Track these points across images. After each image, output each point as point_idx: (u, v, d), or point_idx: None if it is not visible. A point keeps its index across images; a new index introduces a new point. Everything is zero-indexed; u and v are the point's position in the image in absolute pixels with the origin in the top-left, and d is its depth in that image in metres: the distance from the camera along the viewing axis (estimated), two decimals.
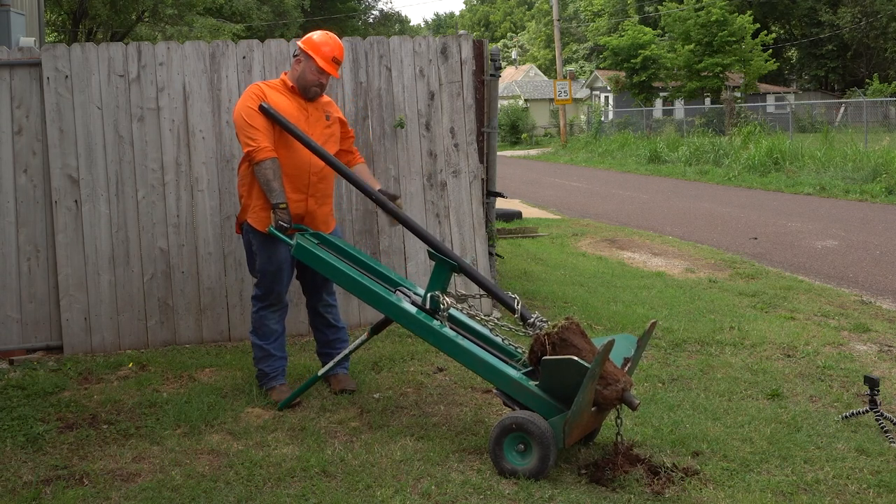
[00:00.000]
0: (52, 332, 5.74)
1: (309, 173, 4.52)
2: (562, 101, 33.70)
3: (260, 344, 4.68)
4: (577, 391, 3.40)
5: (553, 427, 3.49)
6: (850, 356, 5.32)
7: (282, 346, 4.75)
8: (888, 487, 3.45)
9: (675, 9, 34.27)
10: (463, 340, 3.92)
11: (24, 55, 5.75)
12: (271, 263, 4.57)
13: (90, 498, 3.51)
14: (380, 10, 54.13)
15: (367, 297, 4.17)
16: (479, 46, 6.33)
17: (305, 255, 4.30)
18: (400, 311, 4.08)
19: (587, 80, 49.86)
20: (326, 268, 4.26)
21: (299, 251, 4.30)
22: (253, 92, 4.51)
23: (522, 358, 3.85)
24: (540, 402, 3.59)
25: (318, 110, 4.61)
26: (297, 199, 4.52)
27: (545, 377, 3.56)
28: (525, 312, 3.93)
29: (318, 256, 4.27)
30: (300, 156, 4.48)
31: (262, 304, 4.66)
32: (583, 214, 13.98)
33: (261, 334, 4.68)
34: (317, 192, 4.59)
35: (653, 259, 9.33)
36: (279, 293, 4.64)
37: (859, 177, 16.02)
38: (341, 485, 3.56)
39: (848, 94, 38.08)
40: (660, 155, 24.11)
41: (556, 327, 3.63)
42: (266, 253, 4.56)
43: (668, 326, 5.97)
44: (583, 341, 3.63)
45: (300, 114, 4.52)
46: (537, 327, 3.82)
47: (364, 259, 4.44)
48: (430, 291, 4.09)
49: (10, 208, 5.67)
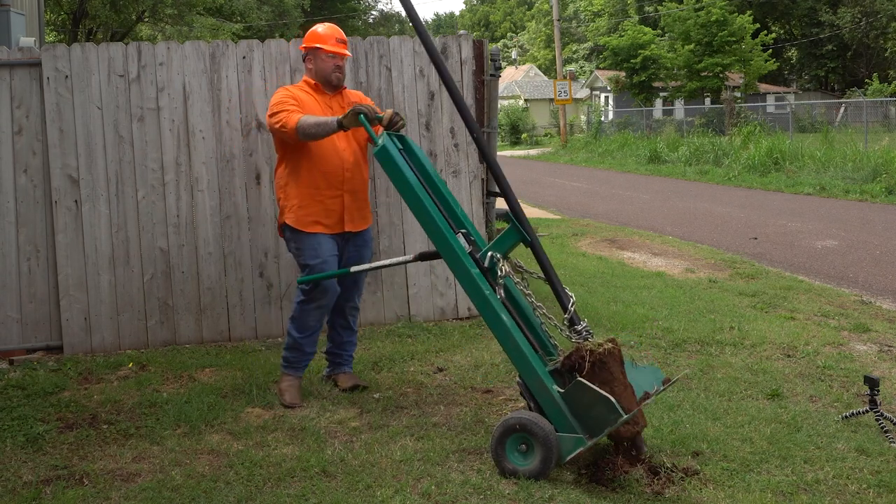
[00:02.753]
0: (52, 332, 5.74)
1: (343, 169, 4.51)
2: (562, 101, 33.70)
3: (295, 335, 4.65)
4: (597, 425, 3.37)
5: (561, 441, 3.47)
6: (850, 356, 5.32)
7: (314, 342, 4.71)
8: (888, 487, 3.45)
9: (675, 9, 34.27)
10: (506, 315, 3.72)
11: (24, 55, 5.75)
12: (315, 257, 4.51)
13: (90, 498, 3.51)
14: (380, 10, 54.25)
15: (429, 227, 3.89)
16: (479, 46, 6.33)
17: (386, 161, 3.95)
18: (455, 258, 3.79)
19: (587, 80, 49.85)
20: (401, 181, 3.92)
21: (382, 153, 3.95)
22: (282, 93, 4.54)
23: (557, 358, 3.73)
24: (557, 411, 3.52)
25: (343, 107, 4.56)
26: (334, 196, 4.51)
27: (573, 394, 3.47)
28: (575, 317, 3.75)
29: (397, 167, 3.93)
30: (331, 152, 4.48)
31: (306, 298, 4.59)
32: (583, 214, 13.98)
33: (298, 325, 4.63)
34: (352, 186, 4.56)
35: (653, 259, 9.33)
36: (324, 286, 4.56)
37: (859, 177, 16.02)
38: (341, 485, 3.56)
39: (848, 94, 38.08)
40: (660, 155, 24.10)
41: (601, 347, 3.52)
42: (309, 247, 4.52)
43: (668, 326, 5.97)
44: (619, 371, 3.53)
45: (329, 112, 4.53)
46: (582, 336, 3.68)
47: (438, 183, 4.15)
48: (491, 250, 3.82)
49: (10, 208, 5.67)
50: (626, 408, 3.40)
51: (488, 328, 3.83)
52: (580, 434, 3.46)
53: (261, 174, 5.94)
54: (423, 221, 3.91)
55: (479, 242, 3.96)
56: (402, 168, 3.94)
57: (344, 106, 4.58)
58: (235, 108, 5.91)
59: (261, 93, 5.93)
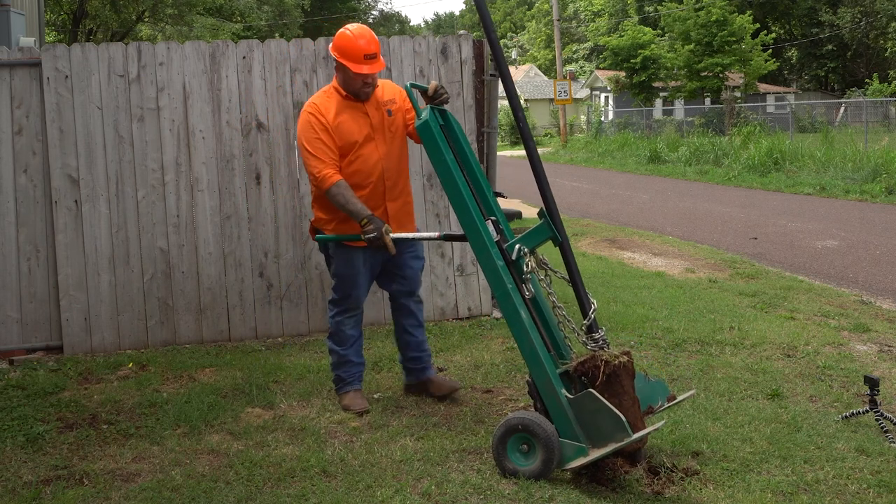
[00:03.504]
0: (52, 332, 5.74)
1: (383, 178, 4.33)
2: (562, 101, 33.69)
3: (337, 350, 4.54)
4: (602, 438, 3.36)
5: (563, 447, 3.46)
6: (850, 356, 5.31)
7: (358, 351, 4.59)
8: (888, 487, 3.45)
9: (675, 9, 34.26)
10: (525, 311, 3.68)
11: (24, 55, 5.75)
12: (348, 268, 4.41)
13: (90, 498, 3.51)
14: (380, 10, 54.26)
15: (460, 209, 3.82)
16: (479, 46, 6.33)
17: (427, 138, 3.89)
18: (482, 245, 3.75)
19: (587, 80, 49.85)
20: (438, 159, 3.88)
21: (424, 129, 3.89)
22: (310, 119, 4.28)
23: (569, 362, 3.67)
24: (562, 416, 3.50)
25: (378, 110, 4.36)
26: (375, 207, 4.30)
27: (582, 402, 3.45)
28: (594, 324, 3.67)
29: (437, 144, 3.88)
30: (371, 162, 4.29)
31: (338, 310, 4.51)
32: (583, 214, 13.98)
33: (337, 340, 4.54)
34: (393, 194, 4.39)
35: (653, 259, 9.33)
36: (356, 298, 4.48)
37: (859, 177, 16.01)
38: (341, 485, 3.56)
39: (848, 94, 38.07)
40: (660, 155, 24.10)
41: (617, 360, 3.49)
42: (342, 257, 4.42)
43: (668, 326, 5.97)
44: (630, 385, 3.51)
45: (364, 121, 4.31)
46: (599, 345, 3.63)
47: (473, 165, 4.06)
48: (519, 243, 3.77)
49: (10, 208, 5.67)
50: (632, 423, 3.39)
51: (505, 321, 3.81)
52: (582, 443, 3.45)
53: (261, 174, 5.94)
54: (454, 203, 3.85)
55: (506, 233, 3.91)
56: (441, 147, 3.89)
57: (377, 107, 4.36)
58: (235, 108, 5.91)
59: (261, 93, 5.94)
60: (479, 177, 4.04)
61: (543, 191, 3.83)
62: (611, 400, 3.40)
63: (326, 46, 6.04)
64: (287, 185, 5.99)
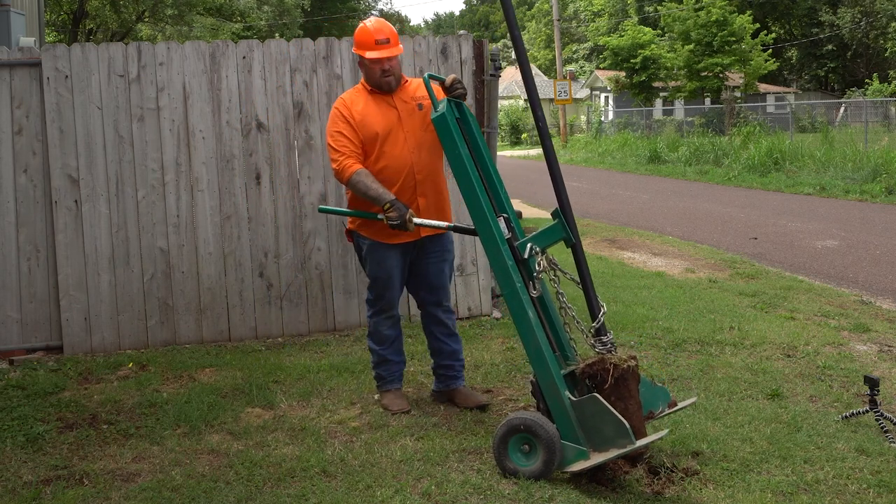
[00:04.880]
0: (52, 332, 5.74)
1: (413, 173, 4.27)
2: (562, 101, 33.68)
3: (376, 349, 4.55)
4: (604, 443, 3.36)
5: (564, 449, 3.46)
6: (850, 356, 5.31)
7: (398, 349, 4.58)
8: (888, 487, 3.45)
9: (675, 9, 34.25)
10: (532, 311, 3.67)
11: (24, 55, 5.75)
12: (382, 270, 4.39)
13: (90, 498, 3.51)
14: (380, 11, 54.18)
15: (472, 204, 3.80)
16: (479, 46, 6.33)
17: (443, 130, 3.90)
18: (493, 242, 3.74)
19: (587, 80, 49.84)
20: (453, 153, 3.87)
21: (440, 121, 3.90)
22: (334, 113, 4.33)
23: (574, 364, 3.67)
24: (565, 418, 3.49)
25: (407, 103, 4.33)
26: (407, 202, 4.24)
27: (586, 406, 3.44)
28: (603, 328, 3.66)
29: (452, 137, 3.88)
30: (401, 157, 4.26)
31: (374, 310, 4.51)
32: (583, 214, 13.97)
33: (376, 340, 4.54)
34: (425, 190, 4.33)
35: (653, 259, 9.33)
36: (390, 299, 4.46)
37: (859, 177, 16.01)
38: (341, 485, 3.56)
39: (848, 94, 38.07)
40: (660, 155, 24.09)
41: (624, 363, 3.49)
42: (376, 259, 4.39)
43: (668, 326, 5.97)
44: (636, 389, 3.51)
45: (391, 113, 4.29)
46: (607, 348, 3.62)
47: (487, 160, 4.04)
48: (531, 242, 3.75)
49: (10, 208, 5.68)
50: (636, 429, 3.39)
51: (511, 319, 3.80)
52: (583, 447, 3.44)
53: (261, 174, 5.94)
54: (467, 197, 3.83)
55: (517, 231, 3.90)
56: (457, 139, 3.88)
57: (406, 100, 4.33)
58: (235, 108, 5.91)
59: (261, 93, 5.94)
60: (493, 173, 4.02)
61: (559, 191, 3.79)
62: (617, 404, 3.40)
63: (326, 46, 6.05)
64: (287, 186, 5.99)
